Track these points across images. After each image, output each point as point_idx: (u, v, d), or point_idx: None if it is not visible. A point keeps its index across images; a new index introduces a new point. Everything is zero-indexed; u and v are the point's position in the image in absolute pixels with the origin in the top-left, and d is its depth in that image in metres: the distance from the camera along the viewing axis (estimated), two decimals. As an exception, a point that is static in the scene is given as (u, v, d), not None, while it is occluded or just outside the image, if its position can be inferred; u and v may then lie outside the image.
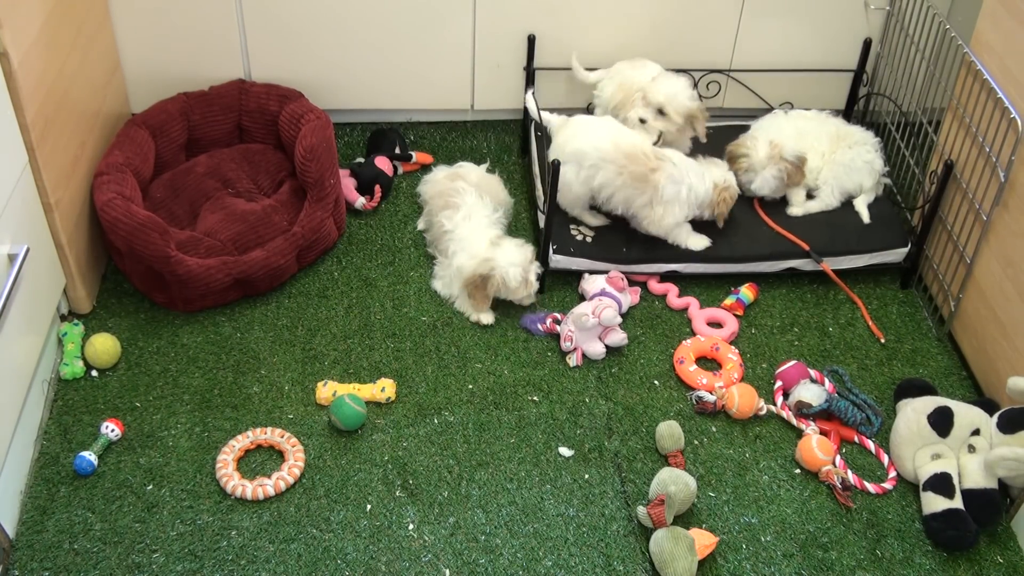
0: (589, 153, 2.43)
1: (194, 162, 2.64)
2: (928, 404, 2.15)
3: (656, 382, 2.32)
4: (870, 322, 2.49)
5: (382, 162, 2.77)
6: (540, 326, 2.40)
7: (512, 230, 2.66)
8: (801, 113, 2.76)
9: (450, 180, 2.62)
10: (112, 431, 2.09)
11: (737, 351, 2.37)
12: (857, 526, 2.04)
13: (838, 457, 2.15)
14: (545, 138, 2.60)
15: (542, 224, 2.51)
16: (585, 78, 2.81)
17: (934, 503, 2.03)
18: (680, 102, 2.58)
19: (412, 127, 2.98)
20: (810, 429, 2.19)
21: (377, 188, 2.72)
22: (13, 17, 1.98)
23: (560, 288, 2.54)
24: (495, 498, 2.05)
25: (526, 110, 2.73)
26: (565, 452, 2.15)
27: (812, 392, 2.23)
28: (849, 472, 2.12)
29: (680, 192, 2.43)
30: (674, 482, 1.98)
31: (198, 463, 2.08)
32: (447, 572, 1.92)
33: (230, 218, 2.45)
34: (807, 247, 2.53)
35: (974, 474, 2.05)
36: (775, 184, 2.60)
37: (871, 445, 2.19)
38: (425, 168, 2.86)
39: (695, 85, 2.91)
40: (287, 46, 2.74)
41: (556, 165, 2.36)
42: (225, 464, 2.05)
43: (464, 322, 2.43)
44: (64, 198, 2.23)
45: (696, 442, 2.19)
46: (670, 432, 2.15)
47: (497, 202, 2.62)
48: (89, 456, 2.04)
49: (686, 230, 2.51)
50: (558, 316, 2.41)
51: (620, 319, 2.36)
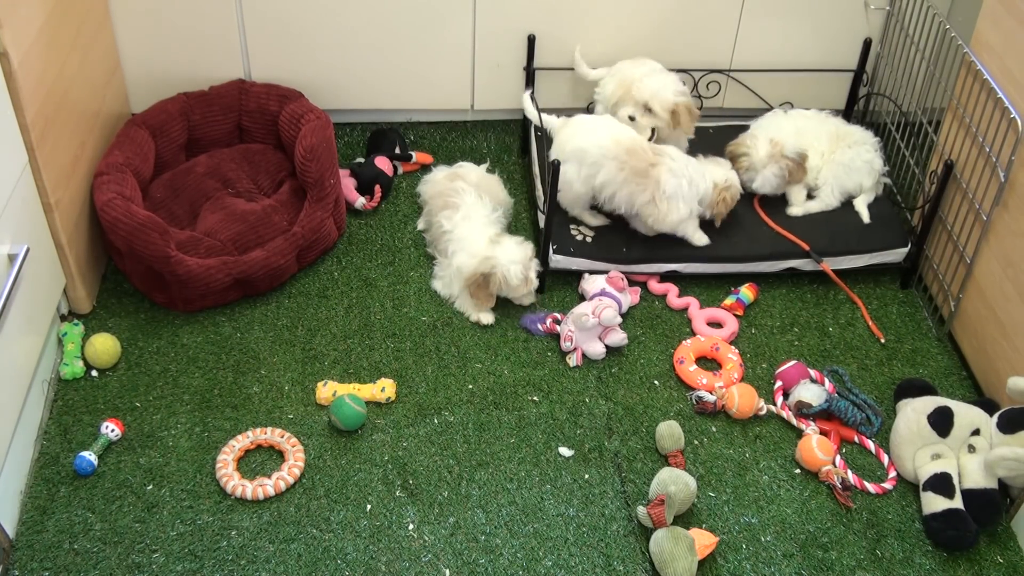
0: (590, 150, 2.43)
1: (194, 162, 2.64)
2: (928, 404, 2.15)
3: (656, 382, 2.32)
4: (870, 322, 2.49)
5: (382, 162, 2.77)
6: (540, 326, 2.40)
7: (512, 230, 2.66)
8: (801, 112, 2.76)
9: (450, 180, 2.62)
10: (112, 431, 2.09)
11: (737, 351, 2.37)
12: (857, 526, 2.04)
13: (838, 457, 2.15)
14: (545, 138, 2.60)
15: (542, 224, 2.51)
16: (587, 74, 2.81)
17: (934, 503, 2.03)
18: (664, 97, 2.58)
19: (412, 127, 2.98)
20: (810, 429, 2.19)
21: (377, 188, 2.72)
22: (13, 17, 1.98)
23: (560, 288, 2.54)
24: (495, 498, 2.05)
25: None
26: (565, 452, 2.15)
27: (812, 392, 2.23)
28: (849, 472, 2.12)
29: (681, 186, 2.43)
30: (674, 482, 1.98)
31: (198, 463, 2.08)
32: (447, 572, 1.92)
33: (230, 218, 2.45)
34: (807, 247, 2.53)
35: (974, 474, 2.05)
36: (776, 182, 2.61)
37: (871, 445, 2.19)
38: (425, 168, 2.85)
39: (695, 85, 2.91)
40: (287, 46, 2.74)
41: (556, 165, 2.36)
42: (225, 464, 2.05)
43: (464, 322, 2.43)
44: (64, 198, 2.23)
45: (696, 442, 2.19)
46: (670, 432, 2.15)
47: (497, 202, 2.61)
48: (89, 456, 2.04)
49: (693, 224, 2.52)
50: (558, 316, 2.41)
51: (620, 319, 2.36)
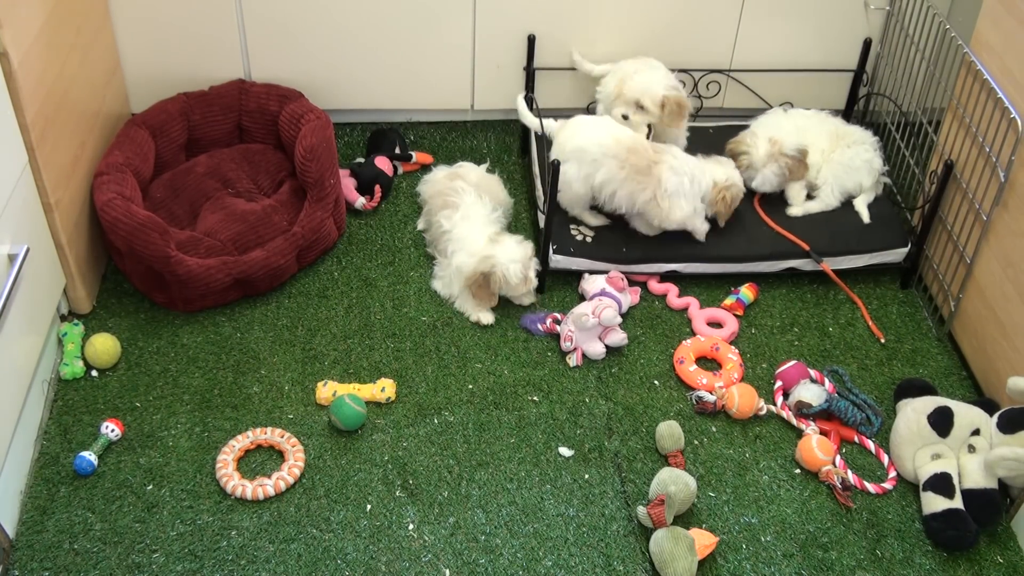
0: (590, 149, 2.43)
1: (194, 162, 2.64)
2: (928, 404, 2.15)
3: (656, 382, 2.32)
4: (870, 322, 2.49)
5: (382, 162, 2.76)
6: (540, 326, 2.40)
7: (512, 230, 2.66)
8: (800, 112, 2.76)
9: (449, 180, 2.62)
10: (112, 431, 2.09)
11: (737, 351, 2.37)
12: (857, 526, 2.04)
13: (838, 457, 2.15)
14: (545, 138, 2.60)
15: (542, 224, 2.51)
16: (591, 71, 2.81)
17: (934, 503, 2.03)
18: (654, 92, 2.58)
19: (412, 127, 2.98)
20: (810, 429, 2.19)
21: (377, 188, 2.72)
22: (13, 17, 1.98)
23: (560, 288, 2.54)
24: (495, 498, 2.05)
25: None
26: (565, 452, 2.15)
27: (812, 392, 2.23)
28: (849, 472, 2.12)
29: (683, 183, 2.43)
30: (674, 482, 1.98)
31: (198, 463, 2.08)
32: (447, 572, 1.92)
33: (230, 218, 2.45)
34: (807, 247, 2.53)
35: (974, 474, 2.05)
36: (776, 181, 2.61)
37: (871, 445, 2.19)
38: (425, 168, 2.85)
39: (695, 85, 2.91)
40: (287, 46, 2.74)
41: (556, 165, 2.36)
42: (225, 464, 2.05)
43: (464, 322, 2.43)
44: (64, 198, 2.22)
45: (696, 442, 2.19)
46: (670, 432, 2.15)
47: (497, 202, 2.61)
48: (89, 456, 2.04)
49: (699, 219, 2.52)
50: (558, 316, 2.41)
51: (620, 319, 2.36)
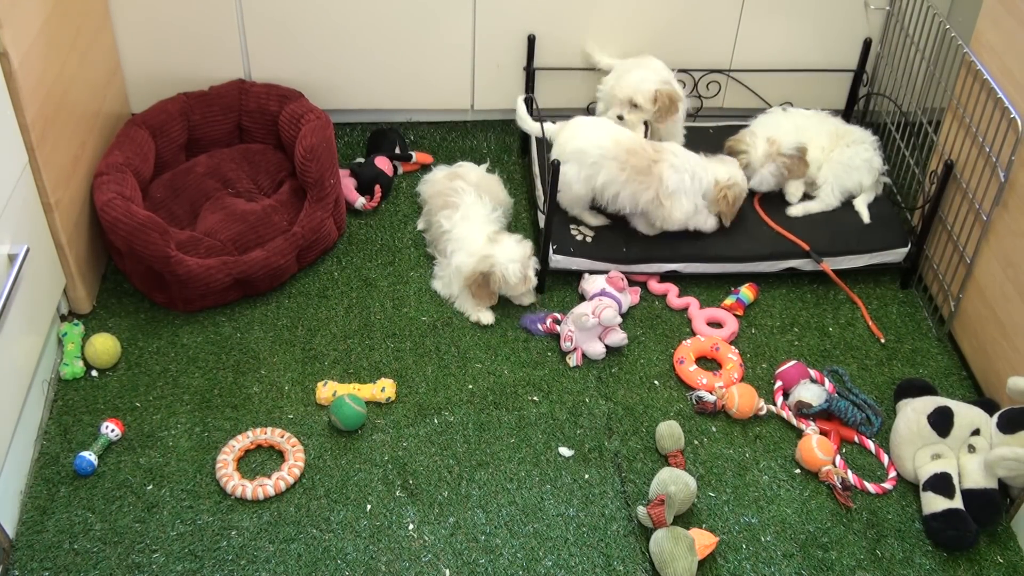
0: (590, 151, 2.43)
1: (194, 162, 2.64)
2: (928, 404, 2.15)
3: (656, 382, 2.32)
4: (870, 322, 2.49)
5: (382, 162, 2.76)
6: (540, 326, 2.40)
7: (512, 230, 2.65)
8: (800, 111, 2.76)
9: (449, 180, 2.62)
10: (112, 431, 2.09)
11: (737, 351, 2.37)
12: (857, 526, 2.04)
13: (838, 457, 2.15)
14: (545, 139, 2.59)
15: (542, 224, 2.51)
16: (598, 61, 2.81)
17: (934, 503, 2.03)
18: (646, 89, 2.58)
19: (412, 127, 2.98)
20: (810, 429, 2.19)
21: (377, 188, 2.72)
22: (13, 17, 1.98)
23: (560, 288, 2.54)
24: (495, 498, 2.05)
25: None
26: (565, 452, 2.15)
27: (812, 392, 2.23)
28: (849, 472, 2.12)
29: (683, 181, 2.43)
30: (674, 482, 1.98)
31: (198, 463, 2.08)
32: (447, 572, 1.92)
33: (230, 218, 2.45)
34: (807, 247, 2.53)
35: (974, 474, 2.05)
36: (773, 181, 2.62)
37: (871, 445, 2.19)
38: (425, 168, 2.85)
39: (695, 85, 2.91)
40: (287, 46, 2.74)
41: (556, 165, 2.36)
42: (225, 464, 2.05)
43: (464, 322, 2.43)
44: (64, 198, 2.22)
45: (696, 442, 2.19)
46: (670, 432, 2.15)
47: (497, 202, 2.61)
48: (89, 456, 2.04)
49: (703, 216, 2.52)
50: (558, 316, 2.41)
51: (620, 319, 2.36)
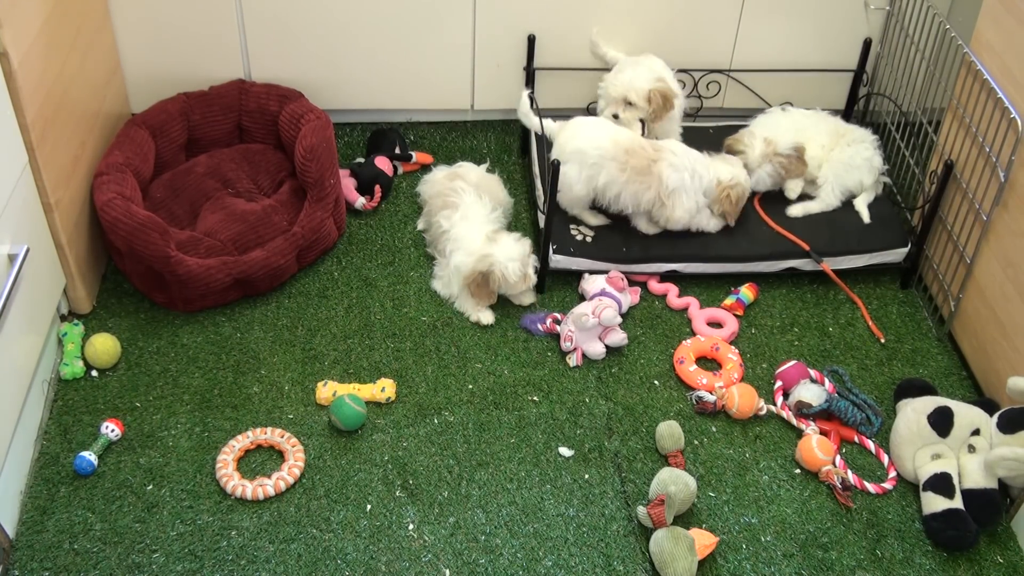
0: (590, 152, 2.43)
1: (194, 162, 2.64)
2: (928, 404, 2.15)
3: (656, 382, 2.32)
4: (870, 322, 2.49)
5: (382, 162, 2.76)
6: (540, 326, 2.40)
7: (512, 230, 2.65)
8: (800, 111, 2.76)
9: (449, 180, 2.62)
10: (112, 431, 2.09)
11: (737, 351, 2.37)
12: (857, 526, 2.04)
13: (838, 457, 2.15)
14: (545, 138, 2.60)
15: (542, 224, 2.51)
16: (605, 53, 2.81)
17: (934, 503, 2.03)
18: (639, 87, 2.58)
19: (412, 127, 2.98)
20: (810, 429, 2.19)
21: (377, 188, 2.72)
22: (13, 17, 1.98)
23: (560, 288, 2.54)
24: (495, 498, 2.05)
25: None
26: (565, 452, 2.15)
27: (812, 392, 2.23)
28: (849, 472, 2.12)
29: (684, 179, 2.43)
30: (674, 482, 1.98)
31: (198, 463, 2.08)
32: (447, 572, 1.92)
33: (230, 218, 2.45)
34: (807, 247, 2.53)
35: (974, 474, 2.05)
36: (770, 181, 2.63)
37: (871, 445, 2.19)
38: (425, 168, 2.85)
39: (695, 85, 2.91)
40: (287, 46, 2.74)
41: (556, 165, 2.36)
42: (225, 464, 2.05)
43: (464, 322, 2.43)
44: (64, 198, 2.22)
45: (696, 442, 2.19)
46: (670, 432, 2.15)
47: (496, 202, 2.61)
48: (89, 456, 2.04)
49: (706, 215, 2.52)
50: (558, 316, 2.41)
51: (620, 319, 2.36)
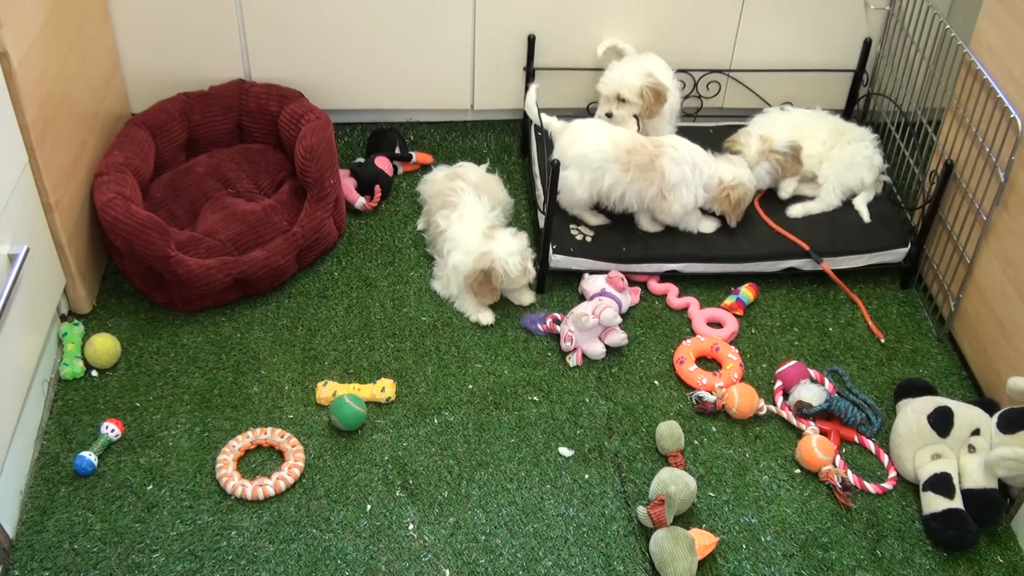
0: (592, 156, 2.43)
1: (194, 162, 2.64)
2: (928, 404, 2.15)
3: (656, 382, 2.32)
4: (870, 322, 2.49)
5: (382, 162, 2.76)
6: (540, 326, 2.40)
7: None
8: (800, 110, 2.76)
9: (449, 180, 2.62)
10: (112, 431, 2.09)
11: (737, 351, 2.37)
12: (857, 526, 2.04)
13: (838, 457, 2.15)
14: (545, 138, 2.60)
15: (542, 224, 2.51)
16: (615, 43, 2.80)
17: (934, 503, 2.03)
18: (631, 83, 2.59)
19: (412, 127, 2.98)
20: (810, 429, 2.19)
21: (377, 188, 2.72)
22: (13, 17, 1.98)
23: (560, 288, 2.54)
24: (495, 498, 2.05)
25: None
26: (565, 452, 2.15)
27: (812, 392, 2.23)
28: (849, 472, 2.12)
29: (685, 173, 2.44)
30: (674, 482, 1.98)
31: (198, 463, 2.08)
32: (447, 572, 1.92)
33: (230, 218, 2.45)
34: (807, 247, 2.53)
35: (974, 474, 2.05)
36: (768, 179, 2.64)
37: (871, 445, 2.19)
38: (425, 168, 2.85)
39: (695, 85, 2.91)
40: (287, 46, 2.74)
41: (556, 165, 2.36)
42: (225, 464, 2.05)
43: (464, 322, 2.43)
44: (64, 198, 2.22)
45: (696, 442, 2.19)
46: (670, 432, 2.15)
47: (496, 202, 2.61)
48: (89, 456, 2.04)
49: (696, 217, 2.53)
50: (558, 316, 2.41)
51: (620, 319, 2.36)
